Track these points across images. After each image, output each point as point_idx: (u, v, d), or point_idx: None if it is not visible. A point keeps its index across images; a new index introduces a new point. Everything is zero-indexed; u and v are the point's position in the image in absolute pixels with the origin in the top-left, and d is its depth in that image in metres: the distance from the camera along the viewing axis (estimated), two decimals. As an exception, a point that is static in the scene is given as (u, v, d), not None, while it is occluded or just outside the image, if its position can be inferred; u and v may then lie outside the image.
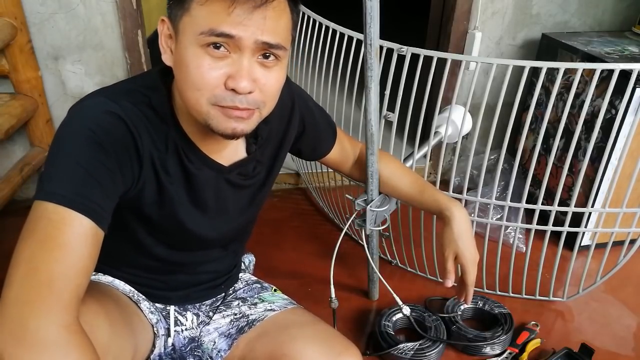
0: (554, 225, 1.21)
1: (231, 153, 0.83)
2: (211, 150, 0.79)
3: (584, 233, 1.26)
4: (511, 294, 1.37)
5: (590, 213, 1.22)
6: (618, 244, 1.26)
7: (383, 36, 1.22)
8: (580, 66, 1.02)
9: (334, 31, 1.35)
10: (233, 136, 0.70)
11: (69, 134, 0.66)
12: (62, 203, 0.62)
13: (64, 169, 0.64)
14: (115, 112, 0.68)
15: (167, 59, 0.71)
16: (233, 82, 0.65)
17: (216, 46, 0.65)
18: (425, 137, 1.24)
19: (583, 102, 1.06)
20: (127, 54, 1.61)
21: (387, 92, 1.19)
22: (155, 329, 0.88)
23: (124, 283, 0.89)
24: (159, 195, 0.77)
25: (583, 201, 1.50)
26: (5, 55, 1.50)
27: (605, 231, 1.23)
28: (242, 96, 0.67)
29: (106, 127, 0.67)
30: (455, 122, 1.24)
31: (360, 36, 0.95)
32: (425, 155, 1.27)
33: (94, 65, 1.62)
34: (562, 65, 1.04)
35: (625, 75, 1.03)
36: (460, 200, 1.23)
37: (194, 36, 0.65)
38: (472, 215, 1.26)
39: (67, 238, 0.62)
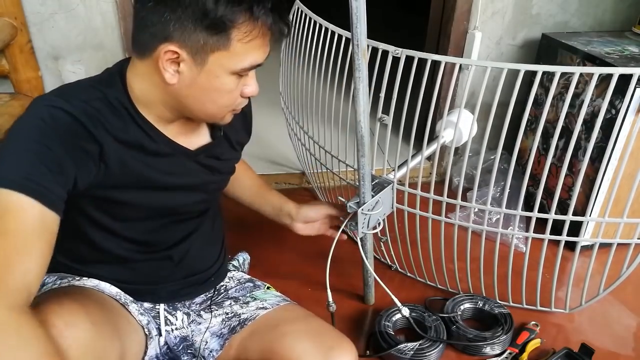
0: (552, 229, 1.18)
1: (196, 137, 0.89)
2: (174, 134, 0.85)
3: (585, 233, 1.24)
4: (511, 304, 1.35)
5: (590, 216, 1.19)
6: (623, 244, 1.20)
7: (382, 37, 1.22)
8: (577, 70, 1.01)
9: (326, 30, 1.34)
10: (224, 124, 0.87)
11: (21, 126, 0.71)
12: (11, 187, 0.65)
13: (15, 155, 0.68)
14: (67, 109, 0.72)
15: (170, 77, 0.75)
16: (252, 91, 0.82)
17: None
18: (420, 140, 1.23)
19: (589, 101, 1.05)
20: (127, 54, 1.61)
21: (382, 94, 1.19)
22: (146, 330, 0.88)
23: (109, 285, 0.89)
24: (126, 176, 0.80)
25: (583, 201, 1.50)
26: (5, 55, 1.50)
27: (606, 242, 1.18)
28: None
29: (56, 119, 0.71)
30: (460, 126, 1.23)
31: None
32: (427, 158, 1.27)
33: (94, 65, 1.62)
34: (558, 69, 1.03)
35: (624, 74, 1.02)
36: (454, 205, 1.22)
37: (232, 68, 0.76)
38: (469, 220, 1.25)
39: (13, 225, 0.64)
